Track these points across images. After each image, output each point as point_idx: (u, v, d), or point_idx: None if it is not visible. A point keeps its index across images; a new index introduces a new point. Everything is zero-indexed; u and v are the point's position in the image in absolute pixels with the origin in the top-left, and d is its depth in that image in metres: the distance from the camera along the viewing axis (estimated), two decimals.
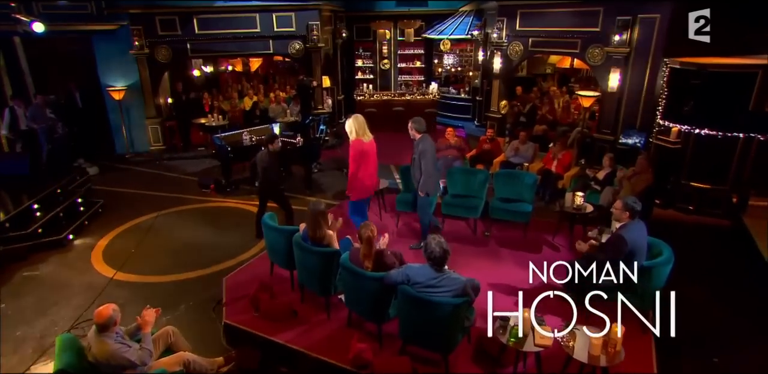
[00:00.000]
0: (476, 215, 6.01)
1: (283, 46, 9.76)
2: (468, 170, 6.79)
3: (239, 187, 7.84)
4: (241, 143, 7.76)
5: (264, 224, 4.80)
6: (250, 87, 11.75)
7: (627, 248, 3.85)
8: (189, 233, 6.32)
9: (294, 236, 4.45)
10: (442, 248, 3.56)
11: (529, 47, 8.78)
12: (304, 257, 4.36)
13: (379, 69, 12.57)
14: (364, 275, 3.94)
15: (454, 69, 13.28)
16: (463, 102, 12.33)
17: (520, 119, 10.13)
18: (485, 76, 11.17)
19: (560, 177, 7.38)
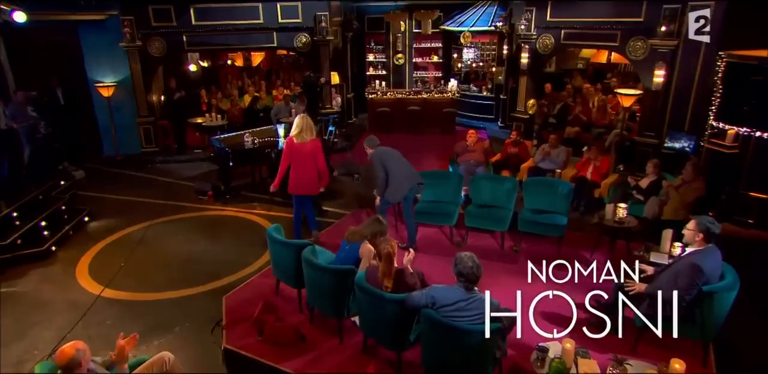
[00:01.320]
0: (504, 227, 5.93)
1: (289, 39, 9.77)
2: (494, 177, 6.73)
3: (240, 194, 7.82)
4: (242, 145, 7.72)
5: (269, 237, 4.72)
6: (251, 84, 11.86)
7: (703, 280, 3.64)
8: (185, 246, 6.29)
9: (303, 251, 4.37)
10: (475, 263, 3.45)
11: (561, 40, 8.69)
12: (315, 275, 4.27)
13: (392, 64, 12.55)
14: (383, 296, 3.83)
15: (475, 64, 13.27)
16: (485, 101, 12.26)
17: (549, 120, 10.04)
18: (510, 73, 11.10)
19: (597, 185, 7.25)
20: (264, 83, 11.75)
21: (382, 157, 5.60)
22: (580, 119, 9.57)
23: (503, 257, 5.73)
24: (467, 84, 12.65)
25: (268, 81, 12.34)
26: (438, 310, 3.56)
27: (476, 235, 6.19)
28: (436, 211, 6.15)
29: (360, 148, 8.67)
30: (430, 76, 12.86)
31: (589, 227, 6.35)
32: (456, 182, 6.33)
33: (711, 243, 3.77)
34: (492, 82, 12.14)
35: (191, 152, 9.97)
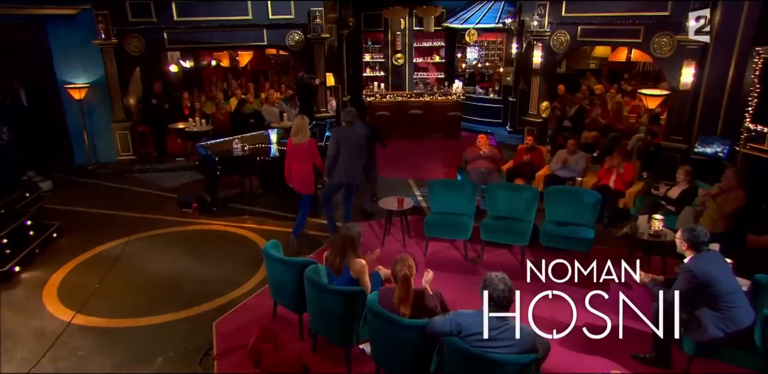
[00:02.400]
0: (524, 241, 5.86)
1: (280, 36, 9.65)
2: (511, 186, 6.63)
3: (228, 206, 7.74)
4: (230, 152, 7.60)
5: (266, 255, 4.54)
6: (237, 86, 11.82)
7: (701, 284, 3.81)
8: (167, 264, 6.15)
9: (306, 270, 4.17)
10: (507, 285, 3.27)
11: (578, 37, 8.65)
12: (320, 297, 4.07)
13: (391, 65, 12.50)
14: (400, 322, 3.64)
15: (481, 64, 13.26)
16: (492, 104, 12.23)
17: (563, 123, 9.95)
18: (520, 73, 11.09)
19: (621, 195, 7.15)
20: (252, 86, 11.66)
21: (340, 136, 6.11)
22: (598, 123, 9.49)
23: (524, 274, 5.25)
24: (472, 86, 12.66)
25: (256, 83, 12.27)
26: (464, 339, 3.36)
27: (492, 250, 6.13)
28: (448, 223, 6.04)
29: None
30: (432, 78, 12.81)
31: (614, 240, 6.27)
32: (470, 192, 6.22)
33: (703, 250, 3.93)
34: (499, 84, 12.14)
35: (173, 161, 9.88)
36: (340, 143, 6.09)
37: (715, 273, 3.86)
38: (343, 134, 6.16)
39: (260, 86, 12.07)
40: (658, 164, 8.06)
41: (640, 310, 3.96)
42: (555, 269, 3.97)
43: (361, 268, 4.09)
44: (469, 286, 5.37)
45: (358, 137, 6.20)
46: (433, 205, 6.34)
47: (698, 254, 3.95)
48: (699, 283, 3.81)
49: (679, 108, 7.60)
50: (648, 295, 4.93)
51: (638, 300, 4.95)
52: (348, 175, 6.23)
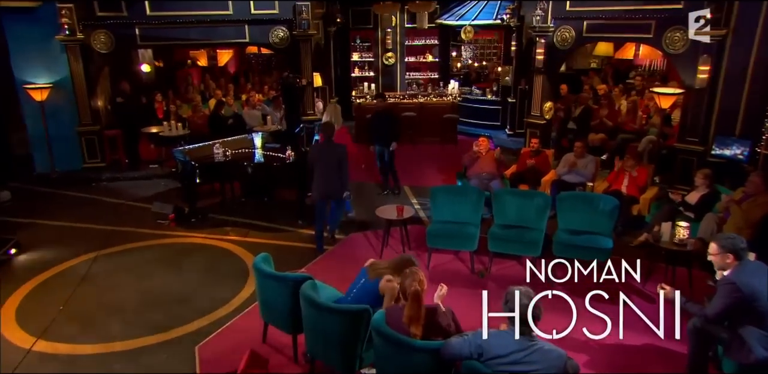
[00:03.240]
0: (536, 252, 5.77)
1: (263, 33, 9.53)
2: (520, 191, 6.61)
3: (208, 217, 7.63)
4: (211, 158, 7.49)
5: (256, 270, 4.38)
6: (216, 87, 11.63)
7: (744, 297, 3.67)
8: (141, 282, 5.97)
9: (302, 286, 4.00)
10: (533, 301, 3.10)
11: (584, 33, 8.62)
12: (318, 316, 3.90)
13: (381, 64, 12.46)
14: (411, 344, 3.47)
15: (477, 64, 13.26)
16: (490, 105, 12.21)
17: (568, 125, 9.89)
18: (520, 72, 11.06)
19: (634, 201, 7.08)
20: (232, 87, 11.53)
21: (314, 152, 6.53)
22: (605, 125, 9.42)
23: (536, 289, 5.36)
24: (468, 86, 12.64)
25: (236, 84, 12.17)
26: (486, 363, 3.20)
27: (501, 262, 6.04)
28: (452, 233, 5.96)
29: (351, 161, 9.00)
30: (425, 78, 12.82)
31: (630, 250, 6.22)
32: (475, 199, 6.14)
33: (744, 257, 3.81)
34: (497, 84, 12.13)
35: (146, 168, 9.74)
36: (314, 159, 6.35)
37: (761, 287, 3.70)
38: (317, 150, 6.48)
39: (241, 88, 11.97)
40: (672, 168, 7.99)
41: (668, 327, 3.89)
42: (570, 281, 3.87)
43: (391, 290, 3.92)
44: (477, 302, 5.08)
45: (333, 153, 6.30)
46: (436, 213, 6.24)
47: (740, 265, 3.79)
48: (743, 297, 3.66)
49: (695, 107, 7.56)
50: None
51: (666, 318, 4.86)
52: (324, 190, 6.38)
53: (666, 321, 4.94)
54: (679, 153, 7.87)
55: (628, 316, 3.88)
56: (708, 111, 7.46)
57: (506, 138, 11.45)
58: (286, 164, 7.30)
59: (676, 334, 3.45)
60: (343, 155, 6.35)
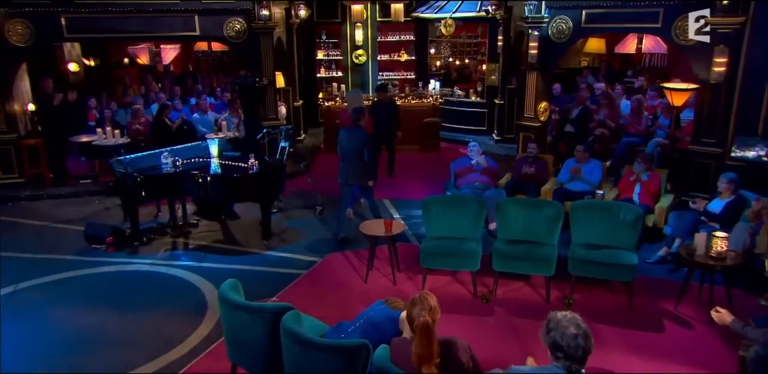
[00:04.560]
0: (549, 271, 5.63)
1: (217, 25, 9.28)
2: (527, 201, 6.45)
3: (154, 239, 7.41)
4: (158, 169, 7.17)
5: (223, 300, 4.05)
6: (159, 89, 11.53)
7: None
8: (72, 320, 5.57)
9: (284, 318, 3.67)
10: (581, 329, 2.83)
11: (583, 23, 8.55)
12: (306, 356, 3.56)
13: (350, 63, 12.27)
14: None
15: (459, 62, 13.07)
16: (475, 108, 12.20)
17: (565, 128, 9.84)
18: (508, 70, 11.03)
19: (648, 210, 7.00)
20: (179, 89, 11.37)
21: (341, 137, 7.15)
22: (607, 126, 9.39)
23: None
24: (449, 87, 12.60)
25: (184, 86, 12.01)
26: None
27: (508, 283, 5.96)
28: (450, 251, 5.78)
29: (320, 172, 9.43)
30: (401, 78, 12.76)
31: (649, 267, 6.23)
32: (475, 210, 5.95)
33: None
34: (482, 84, 12.10)
35: (75, 183, 9.51)
36: (341, 143, 7.06)
37: None
38: (345, 134, 7.13)
39: (188, 90, 11.80)
40: (686, 173, 7.93)
41: (718, 357, 3.76)
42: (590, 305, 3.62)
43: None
44: (482, 331, 5.21)
45: (358, 139, 6.97)
46: (430, 228, 6.03)
47: None
48: None
49: (711, 105, 7.52)
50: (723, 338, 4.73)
51: (709, 345, 4.75)
52: (348, 175, 7.09)
53: (714, 349, 4.79)
54: (693, 156, 7.81)
55: (666, 344, 3.75)
56: (726, 108, 7.42)
57: (494, 144, 11.39)
58: (249, 176, 7.01)
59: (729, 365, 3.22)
60: (366, 140, 7.02)
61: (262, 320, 3.80)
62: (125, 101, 10.84)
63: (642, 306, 5.47)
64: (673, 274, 6.15)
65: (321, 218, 7.94)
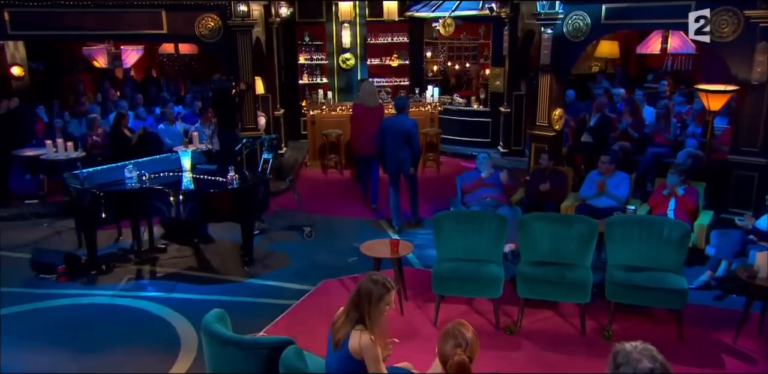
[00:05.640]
0: (584, 298, 5.50)
1: (187, 22, 9.14)
2: (554, 216, 6.34)
3: (114, 267, 7.24)
4: (121, 185, 7.03)
5: (208, 334, 3.81)
6: (119, 97, 11.59)
7: None
8: (19, 364, 5.33)
9: (283, 355, 3.48)
10: (658, 361, 2.59)
11: (603, 19, 8.51)
12: None
13: (336, 68, 12.17)
14: None
15: (459, 66, 13.13)
16: (477, 117, 12.16)
17: (582, 138, 9.80)
18: (516, 74, 11.05)
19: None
20: (141, 97, 11.30)
21: (386, 125, 8.15)
22: (630, 136, 9.36)
23: (587, 348, 5.31)
24: (449, 94, 12.61)
25: (147, 94, 11.97)
26: None
27: (534, 312, 5.83)
28: (467, 275, 5.66)
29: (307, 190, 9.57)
30: (393, 85, 12.84)
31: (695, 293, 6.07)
32: (495, 227, 5.82)
33: None
34: (485, 91, 12.09)
35: (20, 204, 9.36)
36: (385, 132, 7.97)
37: None
38: (389, 123, 8.08)
39: (152, 98, 11.84)
40: (724, 187, 7.87)
41: None
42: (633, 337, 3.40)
43: (365, 345, 3.45)
44: (510, 369, 5.01)
45: (403, 126, 7.89)
46: (442, 248, 5.89)
47: None
48: None
49: (753, 109, 7.48)
50: None
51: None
52: (393, 164, 8.00)
53: None
54: (733, 168, 7.75)
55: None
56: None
57: (499, 158, 11.32)
58: (227, 191, 6.88)
59: None
60: (413, 128, 7.96)
61: (257, 357, 3.61)
62: (79, 111, 10.73)
63: (694, 339, 5.31)
64: (720, 301, 6.02)
65: (310, 240, 7.82)
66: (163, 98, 11.45)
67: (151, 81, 13.05)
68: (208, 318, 3.80)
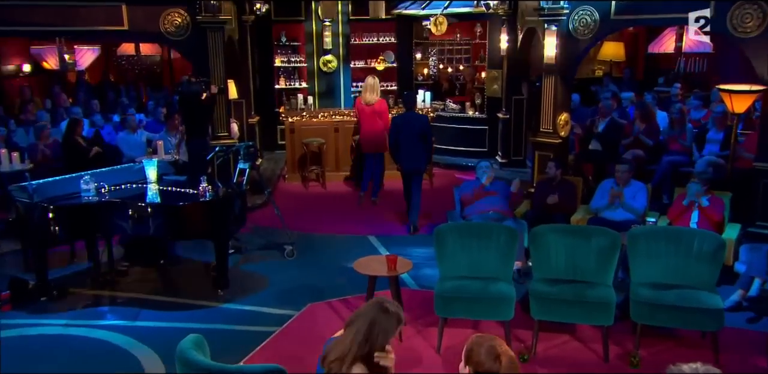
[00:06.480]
0: (607, 320, 5.42)
1: (151, 18, 9.03)
2: (569, 228, 6.35)
3: (67, 292, 7.11)
4: (76, 198, 6.92)
5: (184, 362, 3.61)
6: (72, 103, 11.57)
7: None
8: None
9: None
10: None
11: (612, 15, 8.50)
12: None
13: (317, 71, 12.17)
14: None
15: (451, 68, 13.22)
16: (473, 124, 12.18)
17: (590, 145, 9.81)
18: (515, 76, 11.09)
19: None
20: (97, 103, 11.26)
21: (398, 122, 8.74)
22: (642, 144, 9.36)
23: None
24: (441, 100, 12.60)
25: (103, 100, 11.88)
26: None
27: (550, 336, 5.76)
28: (474, 295, 5.58)
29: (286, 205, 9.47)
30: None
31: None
32: (504, 240, 5.76)
33: None
34: (482, 95, 12.11)
35: None
36: (398, 130, 8.55)
37: None
38: (400, 121, 8.70)
39: (110, 105, 11.79)
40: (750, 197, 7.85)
41: None
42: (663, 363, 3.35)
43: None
44: None
45: (416, 123, 8.56)
46: (444, 265, 5.81)
47: None
48: None
49: None
50: None
51: None
52: (408, 164, 8.57)
53: None
54: (760, 176, 7.71)
55: None
56: None
57: (498, 168, 11.18)
58: (199, 204, 6.78)
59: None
60: (426, 124, 8.67)
61: None
62: (26, 118, 10.67)
63: (733, 365, 5.20)
64: (755, 324, 5.95)
65: (292, 259, 7.76)
66: (123, 104, 11.37)
67: (109, 86, 13.00)
68: (184, 344, 3.62)
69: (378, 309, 3.25)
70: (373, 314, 3.24)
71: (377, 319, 3.20)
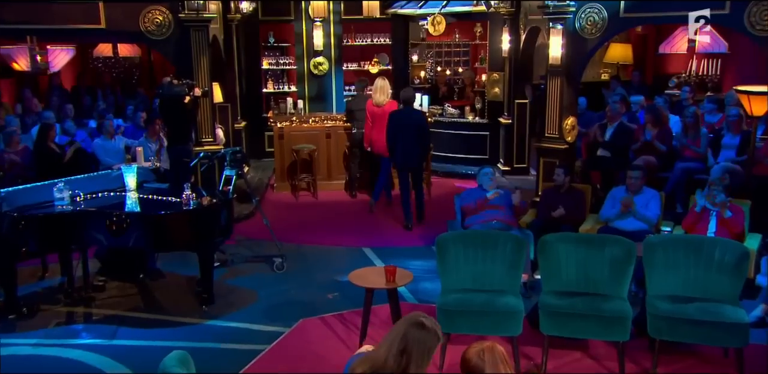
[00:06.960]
0: (623, 335, 5.37)
1: (130, 16, 9.05)
2: (580, 237, 6.31)
3: (38, 310, 7.05)
4: (49, 207, 6.87)
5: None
6: (44, 108, 11.40)
7: None
8: None
9: None
10: None
11: (622, 13, 8.52)
12: None
13: (307, 74, 12.13)
14: None
15: (450, 71, 13.27)
16: (473, 130, 12.15)
17: (598, 151, 9.75)
18: (518, 79, 11.10)
19: None
20: (71, 108, 11.17)
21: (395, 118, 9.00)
22: (654, 149, 9.28)
23: None
24: (438, 104, 12.55)
25: (78, 105, 11.84)
26: None
27: (561, 354, 5.71)
28: (479, 309, 5.56)
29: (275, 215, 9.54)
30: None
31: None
32: (511, 250, 5.73)
33: None
34: (482, 99, 12.08)
35: None
36: (396, 125, 8.86)
37: None
38: (397, 117, 8.96)
39: (85, 109, 11.75)
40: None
41: None
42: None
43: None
44: None
45: (412, 120, 8.88)
46: (447, 277, 5.78)
47: None
48: None
49: None
50: None
51: None
52: (403, 160, 8.94)
53: None
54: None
55: None
56: None
57: (500, 176, 11.21)
58: (182, 213, 6.74)
59: None
60: (423, 121, 9.08)
61: None
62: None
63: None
64: None
65: (281, 273, 7.71)
66: (99, 109, 11.33)
67: (84, 90, 12.94)
68: (168, 361, 3.56)
69: (413, 324, 3.19)
70: (407, 328, 3.18)
71: (413, 334, 3.14)
